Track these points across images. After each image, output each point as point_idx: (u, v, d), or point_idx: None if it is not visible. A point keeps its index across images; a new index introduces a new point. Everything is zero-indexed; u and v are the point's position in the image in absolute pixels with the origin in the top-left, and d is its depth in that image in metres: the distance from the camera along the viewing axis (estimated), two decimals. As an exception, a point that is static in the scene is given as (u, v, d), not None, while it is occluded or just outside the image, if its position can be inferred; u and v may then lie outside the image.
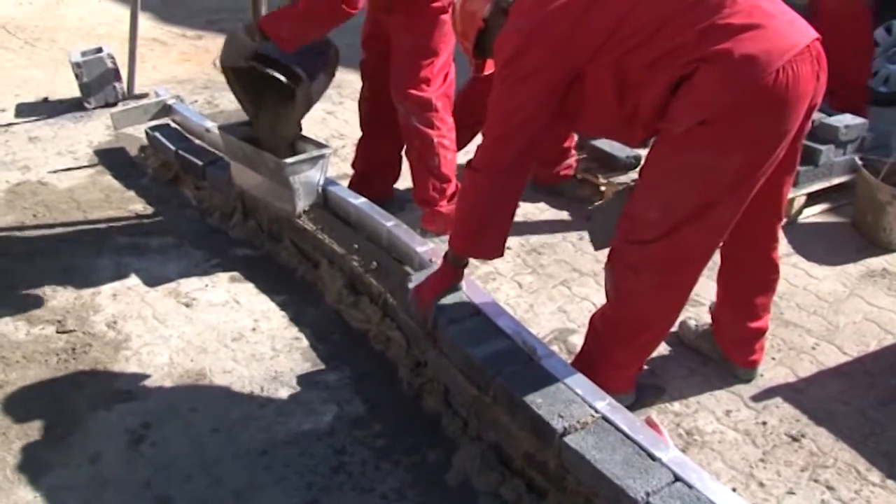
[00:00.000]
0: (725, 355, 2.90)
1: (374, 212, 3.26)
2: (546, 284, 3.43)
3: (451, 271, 2.63)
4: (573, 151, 4.14)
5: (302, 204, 3.42)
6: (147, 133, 4.42)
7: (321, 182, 3.46)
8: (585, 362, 2.58)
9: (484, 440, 2.46)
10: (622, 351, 2.57)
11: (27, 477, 2.39)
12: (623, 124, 2.35)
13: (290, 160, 3.33)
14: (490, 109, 2.37)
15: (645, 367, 2.91)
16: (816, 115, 4.00)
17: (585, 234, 3.79)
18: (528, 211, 4.01)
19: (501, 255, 2.55)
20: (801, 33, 2.15)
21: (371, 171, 3.86)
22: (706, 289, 3.39)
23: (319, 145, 3.49)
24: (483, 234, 2.48)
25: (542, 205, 4.09)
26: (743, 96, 2.10)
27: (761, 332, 2.84)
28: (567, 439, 2.12)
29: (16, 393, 2.72)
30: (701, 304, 3.30)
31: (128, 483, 2.38)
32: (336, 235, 3.26)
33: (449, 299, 2.64)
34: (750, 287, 2.76)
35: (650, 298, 2.45)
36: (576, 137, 4.22)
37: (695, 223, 2.27)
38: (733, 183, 2.22)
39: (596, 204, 3.17)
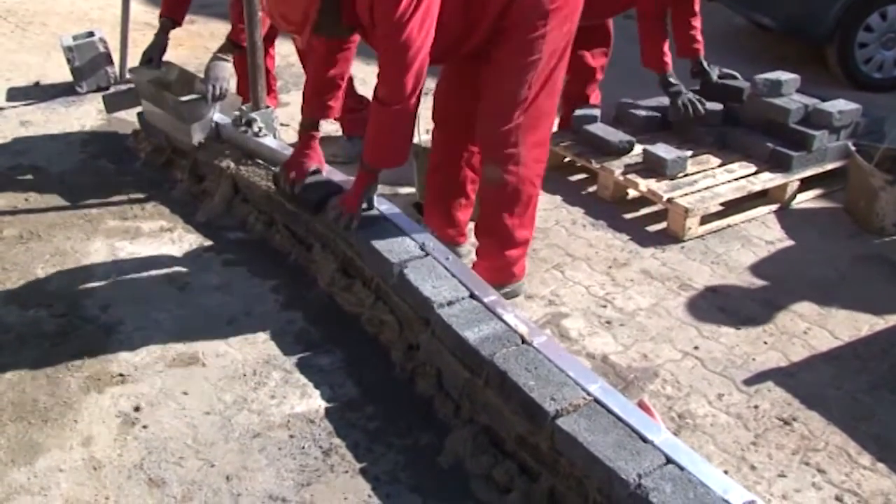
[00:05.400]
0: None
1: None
2: (539, 269, 3.43)
3: (370, 177, 2.96)
4: None
5: (198, 136, 3.90)
6: (139, 117, 4.40)
7: (214, 117, 3.93)
8: (495, 268, 3.10)
9: (476, 423, 2.46)
10: (526, 221, 3.10)
11: (20, 459, 2.39)
12: (459, 38, 2.81)
13: (185, 98, 3.84)
14: (388, 49, 2.63)
15: (637, 352, 2.93)
16: (811, 101, 4.05)
17: (578, 219, 3.80)
18: (521, 196, 4.01)
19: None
20: None
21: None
22: (691, 269, 3.41)
23: None
24: (402, 149, 2.84)
25: (535, 190, 4.09)
26: None
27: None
28: (559, 422, 2.13)
29: (8, 376, 2.72)
30: (694, 288, 3.31)
31: (120, 465, 2.38)
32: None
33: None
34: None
35: (531, 160, 2.98)
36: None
37: (547, 89, 2.91)
38: (564, 47, 2.91)
39: None
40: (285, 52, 5.03)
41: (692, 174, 3.92)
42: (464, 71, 3.05)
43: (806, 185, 4.02)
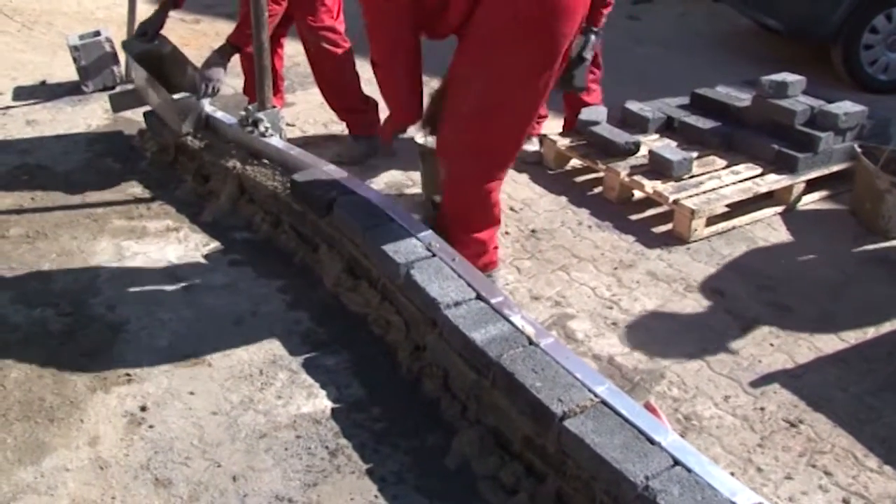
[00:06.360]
0: None
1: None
2: (545, 269, 3.43)
3: (395, 126, 3.13)
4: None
5: (186, 128, 3.97)
6: (145, 117, 4.40)
7: (205, 110, 4.02)
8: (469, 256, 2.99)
9: (483, 424, 2.46)
10: (475, 226, 3.05)
11: (27, 458, 2.40)
12: (436, 9, 2.77)
13: (177, 96, 3.89)
14: (369, 8, 2.75)
15: (643, 353, 2.93)
16: (817, 103, 4.06)
17: (584, 220, 3.80)
18: (526, 196, 4.01)
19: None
20: None
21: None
22: (697, 271, 3.40)
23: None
24: (404, 105, 2.95)
25: (540, 190, 4.09)
26: (537, 4, 2.58)
27: None
28: (566, 423, 2.13)
29: (14, 375, 2.72)
30: (700, 290, 3.31)
31: (127, 465, 2.39)
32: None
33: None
34: None
35: (477, 178, 2.94)
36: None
37: (501, 110, 2.77)
38: (527, 75, 2.72)
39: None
40: (291, 52, 5.03)
41: (698, 175, 3.92)
42: None
43: (812, 186, 4.02)
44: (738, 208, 3.84)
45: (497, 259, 3.20)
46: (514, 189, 4.03)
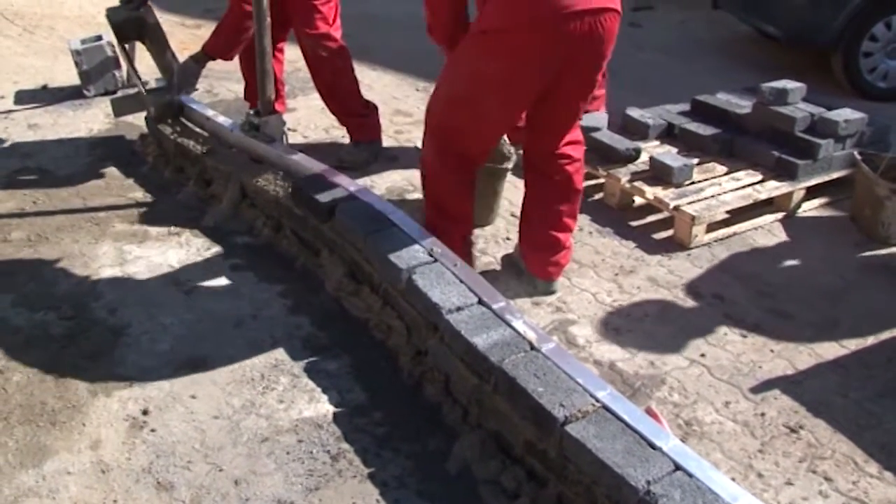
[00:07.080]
0: (525, 263, 3.29)
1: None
2: (546, 275, 3.43)
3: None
4: None
5: (156, 112, 4.23)
6: (147, 121, 4.41)
7: (178, 100, 4.27)
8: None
9: (484, 428, 2.47)
10: (437, 211, 3.18)
11: (29, 461, 2.40)
12: None
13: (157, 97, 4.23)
14: None
15: (644, 359, 2.94)
16: (817, 110, 4.07)
17: (585, 226, 3.81)
18: (527, 202, 4.02)
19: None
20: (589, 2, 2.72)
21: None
22: (697, 277, 3.41)
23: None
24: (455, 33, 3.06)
25: (541, 196, 4.10)
26: (510, 22, 2.72)
27: (560, 245, 3.23)
28: (568, 428, 2.13)
29: (16, 378, 2.72)
30: (700, 296, 3.32)
31: (129, 469, 2.39)
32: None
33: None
34: (549, 191, 3.21)
35: (444, 163, 3.09)
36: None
37: (464, 106, 2.93)
38: (495, 86, 2.84)
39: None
40: (291, 57, 5.05)
41: (698, 182, 3.92)
42: None
43: (812, 193, 4.03)
44: (738, 215, 3.85)
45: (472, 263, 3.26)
46: (516, 195, 4.03)
